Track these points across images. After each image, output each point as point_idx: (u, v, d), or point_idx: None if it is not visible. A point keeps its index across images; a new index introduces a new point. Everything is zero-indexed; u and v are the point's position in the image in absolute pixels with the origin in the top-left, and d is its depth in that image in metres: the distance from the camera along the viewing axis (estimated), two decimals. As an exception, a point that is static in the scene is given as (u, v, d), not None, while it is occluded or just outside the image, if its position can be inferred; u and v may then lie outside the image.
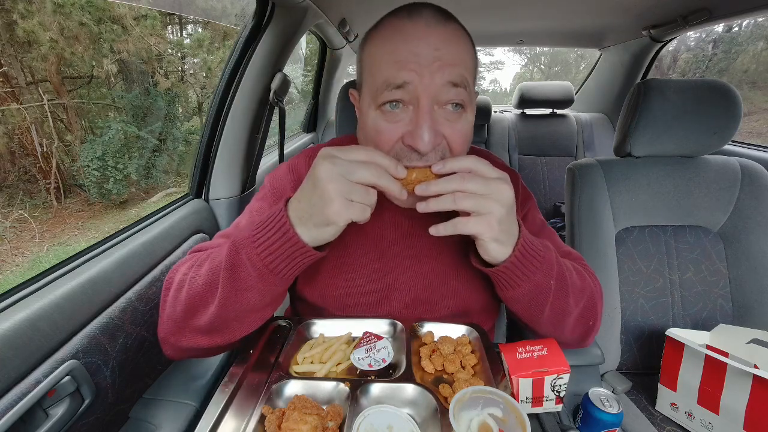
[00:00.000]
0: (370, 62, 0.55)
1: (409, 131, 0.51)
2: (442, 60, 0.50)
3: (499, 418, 0.42)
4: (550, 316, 0.57)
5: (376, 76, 0.52)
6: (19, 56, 4.21)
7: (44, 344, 0.54)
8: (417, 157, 0.52)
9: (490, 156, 0.77)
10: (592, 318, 0.62)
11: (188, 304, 0.53)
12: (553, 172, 2.27)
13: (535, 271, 0.51)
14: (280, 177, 0.68)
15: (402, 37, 0.51)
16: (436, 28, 0.51)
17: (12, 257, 3.87)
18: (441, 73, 0.49)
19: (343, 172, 0.45)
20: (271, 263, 0.48)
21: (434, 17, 0.52)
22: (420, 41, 0.50)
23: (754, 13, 1.25)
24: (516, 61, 16.56)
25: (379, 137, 0.53)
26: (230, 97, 1.09)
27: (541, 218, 0.75)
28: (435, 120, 0.51)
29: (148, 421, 0.59)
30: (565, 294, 0.55)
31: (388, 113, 0.52)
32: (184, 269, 0.57)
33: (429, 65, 0.49)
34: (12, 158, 4.29)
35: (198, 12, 4.46)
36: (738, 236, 0.98)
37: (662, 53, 2.01)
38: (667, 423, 0.86)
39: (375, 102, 0.53)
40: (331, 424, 0.44)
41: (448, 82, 0.50)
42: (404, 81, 0.49)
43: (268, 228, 0.48)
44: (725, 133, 0.94)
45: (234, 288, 0.49)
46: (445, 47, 0.50)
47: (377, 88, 0.52)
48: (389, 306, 0.66)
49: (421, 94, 0.50)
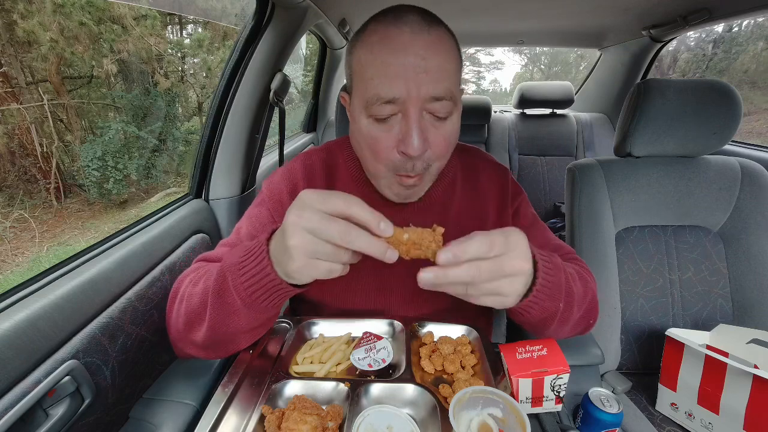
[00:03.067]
0: (359, 70, 0.56)
1: (400, 139, 0.53)
2: (428, 71, 0.51)
3: (499, 418, 0.42)
4: (555, 328, 0.56)
5: (368, 87, 0.53)
6: (19, 56, 4.21)
7: (44, 344, 0.54)
8: (410, 165, 0.55)
9: (479, 152, 0.77)
10: (593, 317, 0.63)
11: (186, 320, 0.54)
12: (553, 172, 2.27)
13: (546, 300, 0.49)
14: (276, 182, 0.69)
15: (389, 49, 0.52)
16: (421, 36, 0.52)
17: (12, 257, 3.87)
18: (427, 87, 0.51)
19: (311, 228, 0.40)
20: (252, 294, 0.46)
21: (419, 24, 0.53)
22: (406, 50, 0.51)
23: (754, 13, 1.25)
24: (516, 61, 16.56)
25: (376, 145, 0.55)
26: (230, 97, 1.09)
27: (532, 212, 0.74)
28: (423, 127, 0.53)
29: (148, 421, 0.59)
30: (570, 307, 0.54)
31: (380, 121, 0.54)
32: (186, 281, 0.58)
33: (415, 77, 0.51)
34: (12, 158, 4.29)
35: (198, 12, 4.46)
36: (738, 236, 0.98)
37: (662, 53, 2.01)
38: (667, 423, 0.86)
39: (366, 111, 0.55)
40: (331, 424, 0.44)
41: (433, 97, 0.52)
42: (394, 96, 0.51)
43: (251, 258, 0.46)
44: (725, 133, 0.94)
45: (222, 312, 0.49)
46: (430, 56, 0.51)
47: (368, 100, 0.53)
48: (387, 301, 0.67)
49: (410, 105, 0.52)
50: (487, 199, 0.71)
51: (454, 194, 0.70)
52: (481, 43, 2.73)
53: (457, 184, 0.71)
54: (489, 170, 0.74)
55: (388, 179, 0.59)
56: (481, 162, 0.75)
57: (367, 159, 0.60)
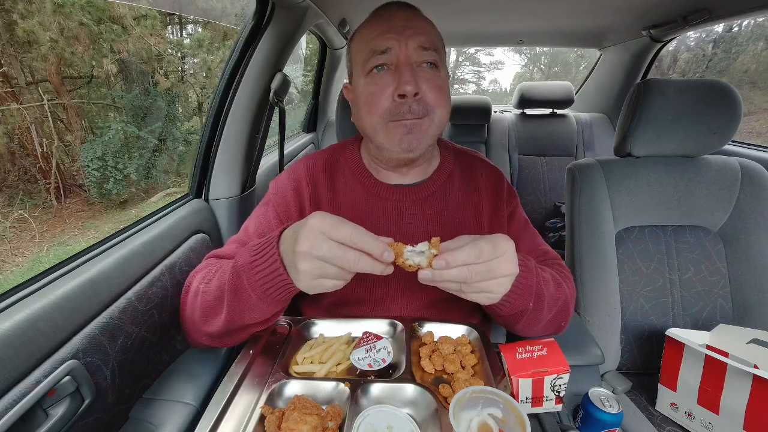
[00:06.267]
0: (357, 47, 0.66)
1: (395, 86, 0.60)
2: (413, 28, 0.61)
3: (499, 418, 0.42)
4: (524, 325, 0.61)
5: (364, 49, 0.63)
6: (19, 56, 4.20)
7: (44, 344, 0.54)
8: (407, 108, 0.60)
9: (475, 153, 0.81)
10: (564, 320, 0.67)
11: (202, 314, 0.58)
12: (553, 172, 2.27)
13: (516, 299, 0.54)
14: (281, 181, 0.74)
15: (379, 18, 0.64)
16: (404, 10, 0.65)
17: (12, 257, 3.87)
18: (414, 39, 0.60)
19: (322, 256, 0.44)
20: (267, 290, 0.50)
21: (403, 4, 0.66)
22: (393, 16, 0.63)
23: (754, 13, 1.25)
24: (516, 61, 16.57)
25: (372, 99, 0.62)
26: (230, 97, 1.09)
27: (524, 217, 0.79)
28: (415, 73, 0.61)
29: (148, 421, 0.59)
30: (540, 308, 0.59)
31: (376, 76, 0.62)
32: (199, 277, 0.62)
33: (403, 32, 0.60)
34: (12, 158, 4.29)
35: (198, 12, 4.46)
36: (738, 236, 0.98)
37: (662, 53, 2.01)
38: (667, 423, 0.86)
39: (364, 70, 0.63)
40: (331, 424, 0.44)
41: (420, 46, 0.61)
42: (386, 47, 0.60)
43: (262, 257, 0.50)
44: (725, 133, 0.94)
45: (239, 308, 0.54)
46: (413, 20, 0.63)
47: (365, 58, 0.62)
48: (385, 291, 0.69)
49: (401, 55, 0.60)
50: (483, 194, 0.75)
51: (452, 187, 0.74)
52: (481, 43, 2.73)
53: (455, 179, 0.75)
54: (485, 168, 0.78)
55: (387, 130, 0.63)
56: (477, 161, 0.79)
57: (364, 119, 0.65)
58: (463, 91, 14.85)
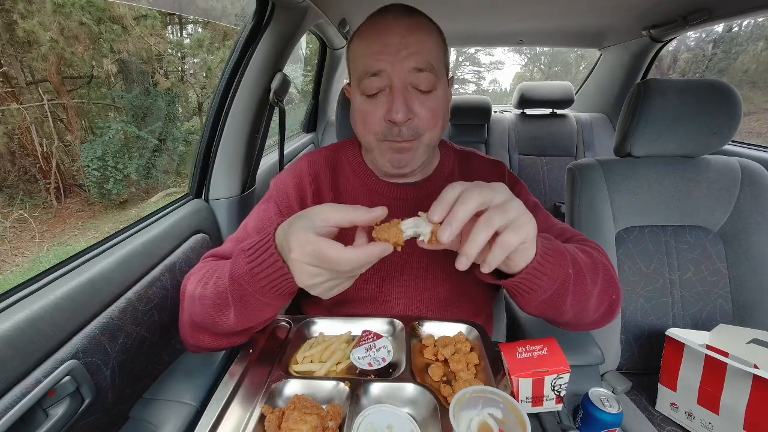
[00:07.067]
0: (353, 56, 0.65)
1: (387, 109, 0.60)
2: (408, 48, 0.58)
3: (499, 418, 0.42)
4: (573, 305, 0.53)
5: (358, 66, 0.62)
6: (19, 56, 4.20)
7: (44, 344, 0.54)
8: (397, 131, 0.60)
9: (474, 152, 0.81)
10: (615, 291, 0.59)
11: (202, 319, 0.55)
12: (553, 172, 2.27)
13: (553, 267, 0.48)
14: (283, 178, 0.74)
15: (375, 31, 0.61)
16: (402, 19, 0.61)
17: (12, 257, 3.87)
18: (408, 61, 0.58)
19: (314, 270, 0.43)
20: (275, 290, 0.48)
21: (401, 11, 0.62)
22: (389, 31, 0.59)
23: (754, 13, 1.25)
24: (516, 61, 16.58)
25: (367, 118, 0.63)
26: (230, 97, 1.09)
27: (533, 200, 0.75)
28: (407, 98, 0.60)
29: (148, 421, 0.59)
30: (582, 275, 0.52)
31: (371, 97, 0.62)
32: (195, 279, 0.59)
33: (398, 54, 0.58)
34: (12, 158, 4.28)
35: (198, 12, 4.46)
36: (738, 236, 0.98)
37: (662, 53, 2.01)
38: (667, 423, 0.86)
39: (359, 89, 0.62)
40: (331, 424, 0.44)
41: (415, 68, 0.59)
42: (379, 69, 0.59)
43: (261, 263, 0.47)
44: (725, 133, 0.94)
45: (251, 313, 0.52)
46: (410, 35, 0.59)
47: (359, 77, 0.62)
48: (386, 290, 0.69)
49: (394, 77, 0.59)
50: None
51: None
52: (481, 43, 2.73)
53: (455, 177, 0.75)
54: (484, 163, 0.79)
55: (379, 148, 0.65)
56: (475, 158, 0.80)
57: (360, 133, 0.66)
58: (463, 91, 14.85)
